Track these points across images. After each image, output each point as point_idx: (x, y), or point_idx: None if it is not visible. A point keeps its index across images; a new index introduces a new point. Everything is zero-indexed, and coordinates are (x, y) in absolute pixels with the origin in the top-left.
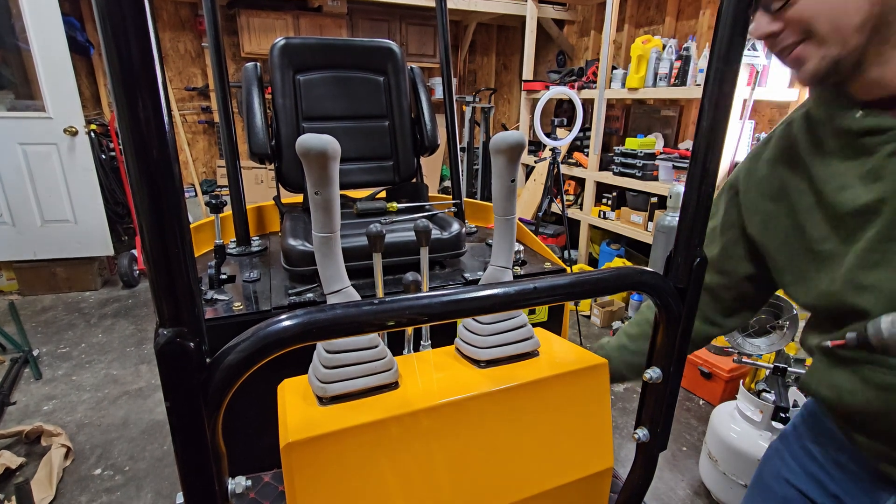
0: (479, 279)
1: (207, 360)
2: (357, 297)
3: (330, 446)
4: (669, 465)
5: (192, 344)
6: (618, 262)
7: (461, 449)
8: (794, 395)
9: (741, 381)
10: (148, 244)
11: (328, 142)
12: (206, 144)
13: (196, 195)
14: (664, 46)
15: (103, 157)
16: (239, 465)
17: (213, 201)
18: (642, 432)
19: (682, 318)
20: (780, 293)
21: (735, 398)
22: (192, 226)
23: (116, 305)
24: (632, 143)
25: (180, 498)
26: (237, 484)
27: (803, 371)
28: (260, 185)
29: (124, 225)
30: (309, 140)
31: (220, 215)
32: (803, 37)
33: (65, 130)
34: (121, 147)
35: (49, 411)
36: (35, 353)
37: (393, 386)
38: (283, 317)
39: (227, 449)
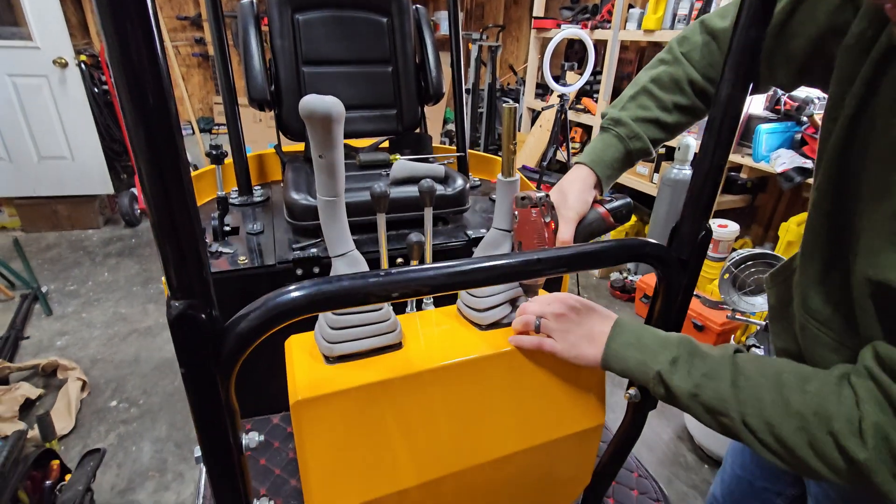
0: (483, 237)
1: (219, 326)
2: (362, 261)
3: (337, 404)
4: (658, 413)
5: (203, 315)
6: None
7: (462, 407)
8: None
9: (732, 335)
10: (156, 219)
11: (332, 104)
12: (201, 79)
13: (194, 133)
14: None
15: (96, 90)
16: (249, 408)
17: (214, 152)
18: (634, 392)
19: (683, 290)
20: (777, 251)
21: None
22: (192, 174)
23: (120, 245)
24: None
25: (198, 451)
26: (251, 439)
27: None
28: (258, 124)
29: (122, 163)
30: (312, 102)
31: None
32: None
33: (54, 62)
34: (113, 81)
35: (62, 347)
36: (44, 289)
37: (397, 346)
38: (292, 287)
39: (238, 393)
